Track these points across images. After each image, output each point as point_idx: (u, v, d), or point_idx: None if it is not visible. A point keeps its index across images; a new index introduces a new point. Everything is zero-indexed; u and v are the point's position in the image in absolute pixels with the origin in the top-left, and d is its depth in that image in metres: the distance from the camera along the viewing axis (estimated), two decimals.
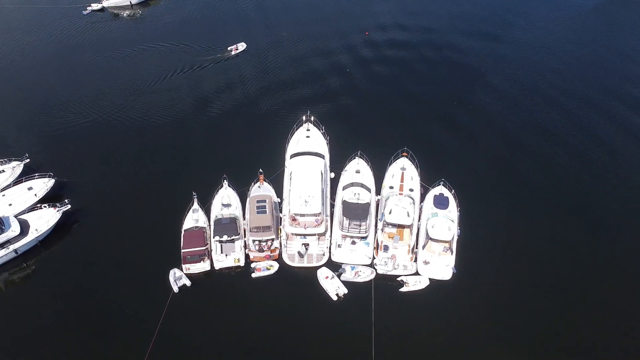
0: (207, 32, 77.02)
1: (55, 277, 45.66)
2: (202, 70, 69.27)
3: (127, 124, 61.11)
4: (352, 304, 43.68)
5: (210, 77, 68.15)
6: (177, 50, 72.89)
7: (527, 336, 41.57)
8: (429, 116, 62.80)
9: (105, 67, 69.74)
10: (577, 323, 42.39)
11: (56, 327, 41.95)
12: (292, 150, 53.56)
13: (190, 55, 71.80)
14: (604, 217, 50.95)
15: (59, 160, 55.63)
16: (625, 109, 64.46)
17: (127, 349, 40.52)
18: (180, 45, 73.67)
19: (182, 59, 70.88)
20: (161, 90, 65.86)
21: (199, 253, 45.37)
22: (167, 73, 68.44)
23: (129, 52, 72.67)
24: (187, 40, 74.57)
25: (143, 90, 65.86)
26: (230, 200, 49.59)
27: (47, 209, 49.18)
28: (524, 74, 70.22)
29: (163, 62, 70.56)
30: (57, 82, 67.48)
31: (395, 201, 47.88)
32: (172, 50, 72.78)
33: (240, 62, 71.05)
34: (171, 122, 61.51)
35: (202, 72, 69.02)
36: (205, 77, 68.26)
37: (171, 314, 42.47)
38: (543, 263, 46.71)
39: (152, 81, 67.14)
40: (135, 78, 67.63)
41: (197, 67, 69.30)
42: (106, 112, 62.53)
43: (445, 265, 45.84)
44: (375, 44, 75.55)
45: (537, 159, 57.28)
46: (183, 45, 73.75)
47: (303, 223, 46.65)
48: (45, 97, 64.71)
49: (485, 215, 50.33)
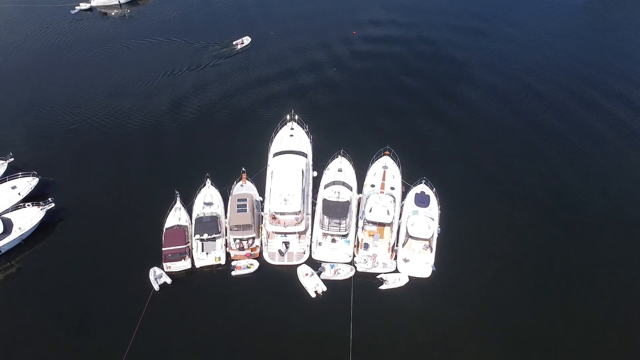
0: (199, 28, 77.61)
1: (38, 275, 45.88)
2: (195, 69, 69.58)
3: (112, 123, 61.27)
4: (332, 301, 43.91)
5: (200, 77, 68.46)
6: (161, 49, 73.25)
7: (506, 334, 41.73)
8: (412, 115, 62.93)
9: (92, 66, 69.99)
10: (558, 320, 42.57)
11: (37, 325, 42.12)
12: (275, 149, 53.76)
13: (188, 53, 72.09)
14: (586, 215, 51.15)
15: (43, 160, 55.79)
16: (610, 101, 65.00)
17: (107, 346, 40.66)
18: (170, 44, 74.21)
19: (168, 58, 71.30)
20: (145, 91, 66.06)
21: (180, 251, 45.62)
22: (150, 74, 68.69)
23: (116, 51, 73.00)
24: (177, 37, 75.07)
25: (127, 90, 66.02)
26: (212, 198, 49.83)
27: (30, 207, 49.42)
28: (509, 71, 70.44)
29: (148, 61, 70.87)
30: (42, 81, 67.71)
31: (376, 199, 48.11)
32: (158, 48, 73.15)
33: (225, 60, 71.27)
34: (155, 121, 61.67)
35: (197, 70, 69.37)
36: (192, 76, 68.57)
37: (151, 312, 42.67)
38: (523, 261, 46.91)
39: (135, 83, 67.24)
40: (120, 78, 67.80)
41: (194, 68, 69.34)
42: (91, 112, 62.75)
43: (425, 263, 46.09)
44: (361, 43, 75.76)
45: (520, 158, 57.45)
46: (172, 42, 74.36)
47: (283, 221, 46.88)
48: (30, 96, 64.92)
49: (467, 213, 50.55)
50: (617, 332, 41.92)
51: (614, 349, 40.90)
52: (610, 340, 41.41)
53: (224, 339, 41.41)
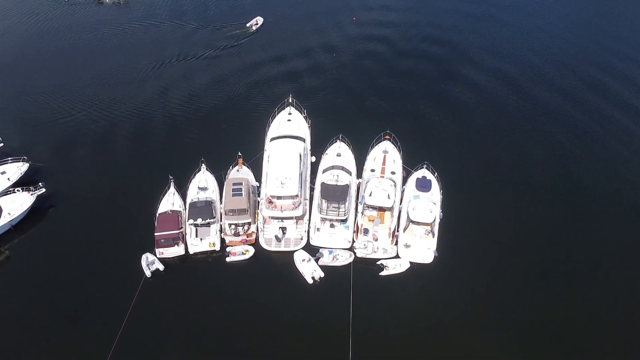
0: (195, 12, 76.96)
1: (28, 261, 44.45)
2: (200, 56, 68.42)
3: (104, 108, 59.81)
4: (330, 288, 42.40)
5: (199, 63, 67.13)
6: (148, 34, 72.15)
7: (509, 321, 40.23)
8: (414, 99, 61.54)
9: (86, 52, 68.64)
10: (562, 306, 41.06)
11: (27, 311, 40.73)
12: (273, 134, 52.24)
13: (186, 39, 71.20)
14: (591, 200, 49.66)
15: (34, 145, 54.49)
16: (617, 83, 64.28)
17: (97, 333, 39.21)
18: (169, 28, 73.16)
19: (162, 44, 69.75)
20: (137, 78, 64.67)
21: (173, 237, 44.10)
22: (142, 62, 67.27)
23: (108, 36, 71.72)
24: (173, 21, 74.33)
25: (118, 78, 64.58)
26: (207, 184, 48.35)
27: (20, 192, 48.03)
28: (512, 55, 69.08)
29: (141, 48, 69.56)
30: (33, 66, 66.19)
31: (376, 183, 46.56)
32: (151, 34, 71.68)
33: (230, 45, 70.00)
34: (149, 106, 60.20)
35: (197, 58, 68.15)
36: (189, 64, 67.18)
37: (142, 299, 41.18)
38: (527, 246, 45.44)
39: (125, 71, 65.70)
40: (113, 65, 66.39)
41: (190, 58, 67.89)
42: (83, 97, 61.28)
43: (426, 248, 44.54)
44: (361, 28, 74.39)
45: (523, 142, 56.01)
46: (163, 25, 73.50)
47: (280, 206, 45.34)
48: (20, 81, 63.39)
49: (469, 198, 49.12)
50: (623, 317, 40.42)
51: (618, 335, 39.33)
52: (615, 326, 39.90)
53: (217, 327, 39.87)
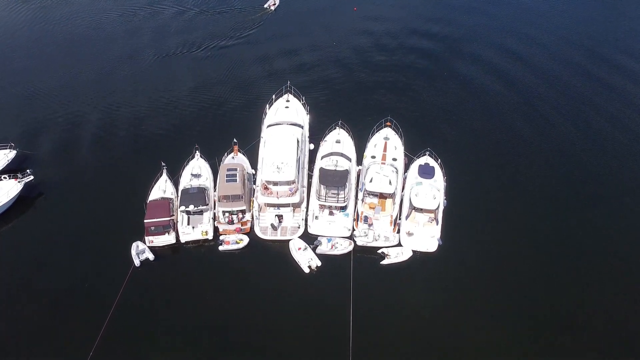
0: None
1: (15, 249, 42.62)
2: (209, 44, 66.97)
3: (95, 93, 58.22)
4: (330, 277, 40.27)
5: (199, 48, 65.52)
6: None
7: (514, 310, 38.01)
8: (415, 86, 59.75)
9: (75, 38, 67.12)
10: (566, 295, 38.96)
11: (13, 300, 38.90)
12: (270, 121, 50.31)
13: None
14: (599, 185, 47.80)
15: (22, 133, 52.83)
16: (618, 71, 62.64)
17: (83, 323, 37.17)
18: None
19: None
20: (131, 63, 63.14)
21: (163, 224, 42.02)
22: (140, 49, 65.67)
23: (100, 22, 70.38)
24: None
25: (114, 65, 62.88)
26: (200, 170, 46.38)
27: (7, 180, 46.23)
28: (515, 43, 67.51)
29: (134, 37, 67.94)
30: (23, 52, 64.72)
31: (377, 169, 44.51)
32: (150, 22, 70.14)
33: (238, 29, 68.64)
34: (142, 93, 58.47)
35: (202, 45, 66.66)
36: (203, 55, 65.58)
37: (130, 289, 39.11)
38: (532, 234, 43.38)
39: (118, 57, 64.15)
40: (108, 54, 64.71)
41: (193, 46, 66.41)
42: (74, 83, 59.71)
43: (430, 236, 42.36)
44: (362, 15, 72.66)
45: (527, 129, 54.17)
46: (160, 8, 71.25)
47: (276, 192, 43.27)
48: (9, 68, 61.88)
49: (473, 185, 47.17)
50: (631, 305, 38.30)
51: (626, 322, 37.25)
52: (624, 313, 37.81)
53: (208, 319, 37.68)
